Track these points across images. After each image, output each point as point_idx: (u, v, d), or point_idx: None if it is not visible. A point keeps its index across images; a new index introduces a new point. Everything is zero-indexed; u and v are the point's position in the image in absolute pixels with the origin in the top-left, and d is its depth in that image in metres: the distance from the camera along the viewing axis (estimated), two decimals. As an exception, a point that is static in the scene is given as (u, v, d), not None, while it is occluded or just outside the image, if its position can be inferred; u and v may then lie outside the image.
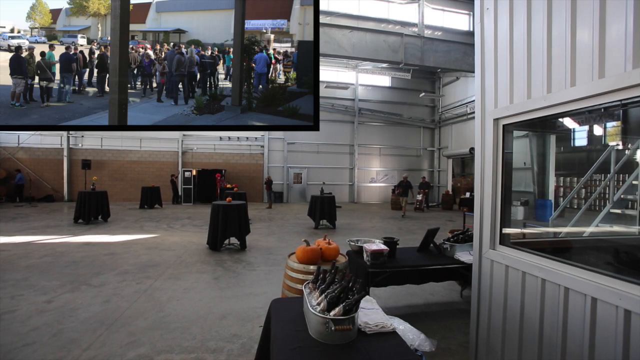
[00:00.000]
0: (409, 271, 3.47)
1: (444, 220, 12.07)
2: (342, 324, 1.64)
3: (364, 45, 11.99)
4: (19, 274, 4.98)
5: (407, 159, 19.81)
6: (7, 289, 4.36)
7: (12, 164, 16.08)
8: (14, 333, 3.20)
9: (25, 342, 3.03)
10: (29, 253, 6.24)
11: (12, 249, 6.56)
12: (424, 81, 19.68)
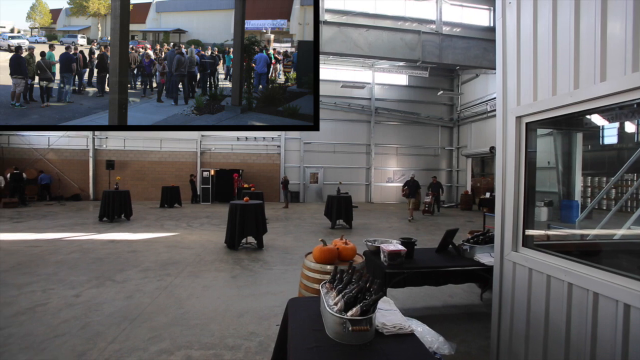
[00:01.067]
0: (427, 272, 3.42)
1: (463, 221, 11.80)
2: (360, 324, 1.63)
3: (381, 44, 11.88)
4: (49, 269, 5.23)
5: (424, 159, 19.49)
6: (40, 283, 4.59)
7: (43, 164, 16.90)
8: (46, 324, 3.37)
9: (56, 334, 3.17)
10: (59, 249, 6.54)
11: (43, 245, 6.90)
12: (442, 79, 19.30)
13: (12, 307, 3.79)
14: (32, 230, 8.51)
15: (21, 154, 16.91)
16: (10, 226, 9.16)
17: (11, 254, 6.09)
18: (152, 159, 17.70)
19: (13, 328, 3.30)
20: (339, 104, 18.52)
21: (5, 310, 3.70)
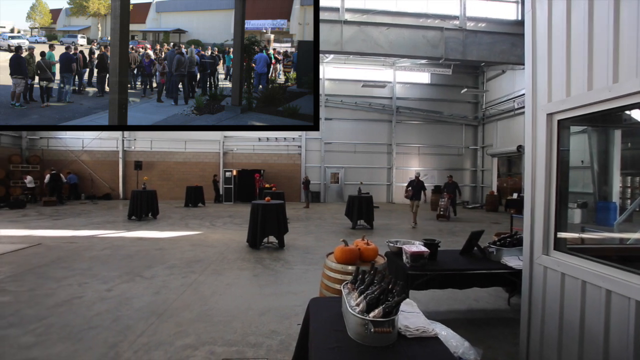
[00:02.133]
0: (451, 275, 3.33)
1: (489, 223, 11.41)
2: (382, 326, 1.61)
3: (402, 42, 11.69)
4: (84, 264, 5.52)
5: (447, 158, 19.00)
6: (76, 277, 4.86)
7: (78, 165, 17.89)
8: (82, 316, 3.56)
9: (90, 325, 3.35)
10: (92, 246, 6.90)
11: (78, 241, 7.30)
12: (466, 76, 18.74)
13: (52, 299, 4.03)
14: (69, 227, 9.02)
15: (58, 156, 17.98)
16: (50, 223, 9.75)
17: (51, 249, 6.48)
18: (177, 160, 18.31)
19: (53, 318, 3.51)
20: (359, 103, 18.41)
21: (47, 301, 3.95)
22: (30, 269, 5.27)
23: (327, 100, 18.31)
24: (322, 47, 11.19)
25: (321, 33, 10.91)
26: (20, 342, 3.03)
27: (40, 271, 5.15)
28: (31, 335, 3.15)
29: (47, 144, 18.10)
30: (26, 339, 3.09)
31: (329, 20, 11.23)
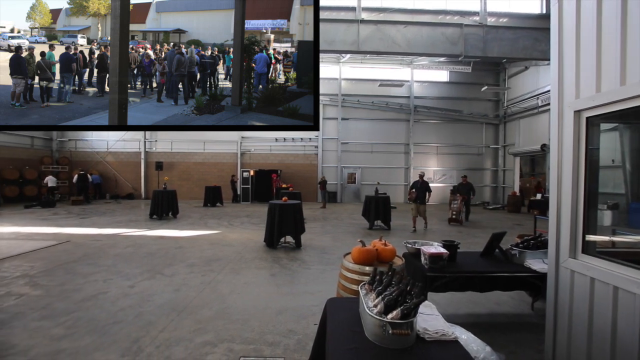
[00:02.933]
0: (471, 277, 3.24)
1: (511, 224, 11.05)
2: (400, 328, 1.59)
3: (420, 40, 11.50)
4: (109, 261, 5.74)
5: (467, 158, 18.54)
6: (101, 273, 5.05)
7: (103, 166, 18.62)
8: (107, 311, 3.70)
9: (115, 320, 3.47)
10: (116, 243, 7.16)
11: (103, 239, 7.59)
12: (487, 73, 18.23)
13: (80, 294, 4.21)
14: (95, 226, 9.40)
15: (85, 157, 18.78)
16: (78, 221, 10.19)
17: (79, 247, 6.77)
18: (196, 160, 18.74)
19: (80, 312, 3.66)
20: (376, 103, 18.25)
21: (75, 296, 4.13)
22: (60, 264, 5.53)
23: (344, 100, 18.26)
24: (339, 47, 11.17)
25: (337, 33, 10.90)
26: (52, 334, 3.18)
27: (69, 267, 5.39)
28: (61, 328, 3.30)
29: (75, 145, 18.94)
30: (57, 330, 3.24)
31: (345, 20, 11.19)
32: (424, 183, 9.56)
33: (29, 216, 11.23)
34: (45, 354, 2.83)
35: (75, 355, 2.81)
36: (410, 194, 9.61)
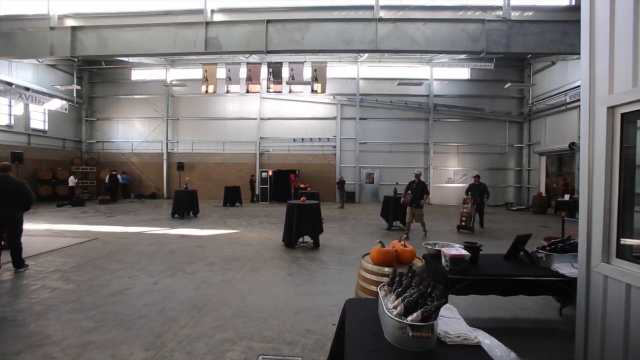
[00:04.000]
0: (494, 280, 3.14)
1: (536, 226, 10.63)
2: (420, 330, 1.56)
3: (440, 37, 11.23)
4: (133, 258, 5.95)
5: (489, 157, 17.99)
6: (126, 270, 5.25)
7: (128, 167, 19.35)
8: (132, 306, 3.84)
9: (139, 315, 3.60)
10: (140, 241, 7.42)
11: (128, 237, 7.89)
12: (510, 70, 17.62)
13: (107, 289, 4.39)
14: (120, 224, 9.78)
15: (111, 158, 19.60)
16: (105, 220, 10.63)
17: (106, 244, 7.06)
18: (215, 161, 19.14)
19: (108, 306, 3.82)
20: (395, 102, 18.03)
21: (102, 291, 4.31)
22: (89, 260, 5.78)
23: (362, 100, 18.16)
24: (357, 47, 11.08)
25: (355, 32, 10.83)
26: (82, 326, 3.33)
27: (97, 263, 5.63)
28: (90, 321, 3.45)
29: (102, 147, 19.78)
30: (86, 323, 3.40)
31: (363, 19, 11.10)
32: (421, 184, 8.31)
33: (61, 214, 11.82)
34: (77, 345, 2.96)
35: (104, 348, 2.93)
36: (405, 196, 8.40)
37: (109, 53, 10.96)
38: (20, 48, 10.64)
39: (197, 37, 10.43)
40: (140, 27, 10.51)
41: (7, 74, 14.83)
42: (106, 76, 19.55)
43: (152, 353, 2.85)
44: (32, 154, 15.98)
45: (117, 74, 19.51)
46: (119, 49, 10.63)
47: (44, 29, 10.45)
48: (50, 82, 17.15)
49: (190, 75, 18.38)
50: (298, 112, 18.49)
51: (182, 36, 10.48)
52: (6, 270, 5.16)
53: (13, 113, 15.54)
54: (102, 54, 11.08)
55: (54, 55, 10.86)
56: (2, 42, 10.52)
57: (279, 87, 13.76)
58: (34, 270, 5.20)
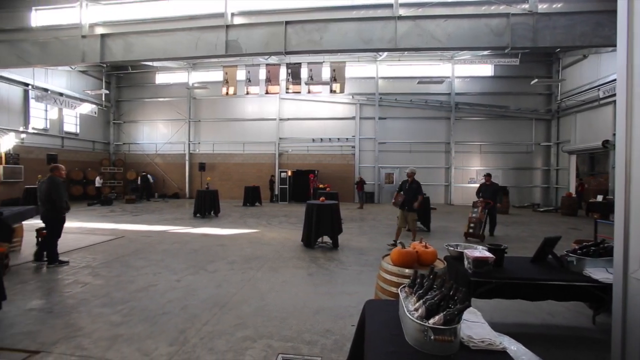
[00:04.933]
0: (521, 284, 3.02)
1: (565, 228, 10.14)
2: (443, 334, 1.52)
3: (461, 33, 10.93)
4: (158, 256, 6.15)
5: (514, 157, 17.33)
6: (151, 267, 5.43)
7: (153, 167, 20.05)
8: (156, 302, 3.97)
9: (163, 311, 3.71)
10: (164, 240, 7.66)
11: (153, 235, 8.16)
12: (537, 65, 16.89)
13: (133, 285, 4.56)
14: (145, 223, 10.14)
15: (137, 159, 20.38)
16: (131, 218, 11.06)
17: (132, 242, 7.35)
18: (236, 161, 19.50)
19: (134, 302, 3.97)
20: (415, 101, 17.72)
21: (129, 287, 4.48)
22: (117, 257, 6.03)
23: (381, 99, 17.96)
24: (376, 46, 10.97)
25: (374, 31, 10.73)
26: (111, 320, 3.48)
27: (124, 260, 5.86)
28: (118, 315, 3.59)
29: (129, 148, 20.61)
30: (115, 317, 3.54)
31: (382, 18, 10.97)
32: (414, 184, 7.16)
33: (91, 213, 12.40)
34: (106, 338, 3.10)
35: (130, 341, 3.04)
36: (396, 198, 7.27)
37: (135, 58, 11.37)
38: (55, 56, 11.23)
39: (217, 40, 10.66)
40: (164, 32, 10.86)
41: (43, 81, 15.73)
42: (132, 80, 20.35)
43: (176, 348, 2.93)
44: (65, 156, 16.85)
45: (142, 78, 20.27)
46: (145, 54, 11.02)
47: (76, 38, 11.00)
48: (82, 87, 18.05)
49: (211, 77, 18.83)
50: (317, 113, 18.53)
51: (203, 40, 10.75)
52: (42, 265, 5.46)
53: (48, 117, 16.46)
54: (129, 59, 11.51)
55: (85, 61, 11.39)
56: (39, 51, 11.15)
57: (298, 88, 13.84)
58: (68, 265, 5.48)
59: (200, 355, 2.82)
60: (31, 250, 6.28)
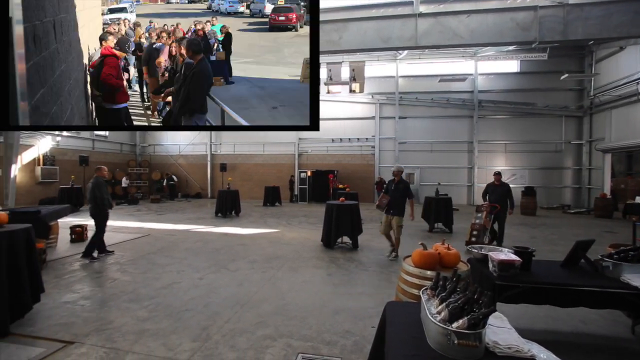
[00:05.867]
0: (551, 289, 2.87)
1: (599, 231, 9.60)
2: (467, 338, 1.47)
3: (485, 29, 10.59)
4: (181, 254, 6.34)
5: (542, 156, 16.60)
6: (175, 265, 5.61)
7: (176, 168, 20.71)
8: (179, 299, 4.09)
9: (186, 308, 3.82)
10: (187, 238, 7.88)
11: (177, 234, 8.42)
12: (567, 59, 16.10)
13: (159, 282, 4.73)
14: (169, 222, 10.48)
15: (161, 160, 21.11)
16: (156, 217, 11.47)
17: (157, 240, 7.61)
18: (256, 162, 19.80)
19: (159, 298, 4.11)
20: (436, 99, 17.35)
21: (155, 284, 4.64)
22: (143, 255, 6.27)
23: (401, 99, 17.71)
24: (395, 44, 10.83)
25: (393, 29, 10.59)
26: (138, 315, 3.62)
27: (149, 258, 6.09)
28: (145, 311, 3.73)
29: (154, 150, 21.38)
30: (141, 313, 3.68)
31: (402, 15, 10.82)
32: (401, 184, 6.06)
33: (119, 212, 12.96)
34: (134, 332, 3.22)
35: (156, 336, 3.15)
36: (380, 200, 6.08)
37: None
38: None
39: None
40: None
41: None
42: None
43: (199, 344, 3.01)
44: (96, 157, 17.71)
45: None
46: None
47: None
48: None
49: (233, 80, 19.21)
50: (336, 113, 18.51)
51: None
52: (76, 260, 5.76)
53: (80, 121, 17.35)
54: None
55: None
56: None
57: (317, 89, 13.84)
58: (98, 262, 5.75)
59: (222, 352, 2.88)
60: (66, 246, 6.65)
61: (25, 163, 14.21)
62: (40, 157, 14.82)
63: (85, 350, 2.90)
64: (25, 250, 3.35)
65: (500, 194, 7.19)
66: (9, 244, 3.18)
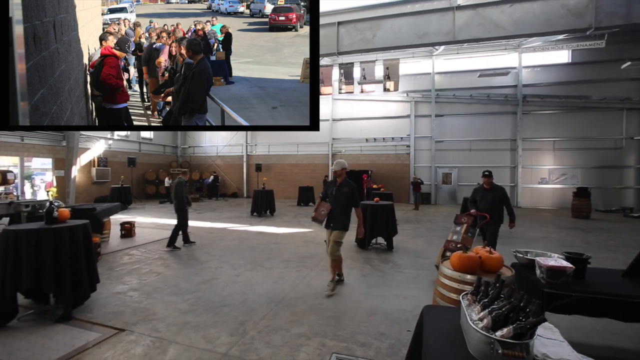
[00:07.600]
0: (610, 301, 2.61)
1: (667, 237, 8.58)
2: (513, 348, 1.38)
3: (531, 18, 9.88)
4: (219, 252, 6.61)
5: (597, 153, 15.14)
6: (213, 262, 5.85)
7: (214, 168, 21.63)
8: (218, 295, 4.26)
9: (224, 303, 3.97)
10: (224, 236, 8.19)
11: (215, 232, 8.79)
12: (629, 46, 14.44)
13: (199, 277, 4.96)
14: (208, 220, 10.97)
15: (200, 161, 22.16)
16: (195, 216, 12.05)
17: (197, 237, 7.99)
18: (290, 162, 20.12)
19: (199, 293, 4.31)
20: (475, 96, 16.52)
21: (195, 279, 4.88)
22: (184, 251, 6.61)
23: (438, 96, 17.08)
24: (432, 40, 10.44)
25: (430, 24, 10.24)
26: (180, 308, 3.82)
27: (190, 254, 6.41)
28: (186, 304, 3.93)
29: (193, 151, 22.51)
30: (183, 305, 3.88)
31: (438, 9, 10.42)
32: (345, 188, 4.50)
33: (162, 210, 13.79)
34: (176, 324, 3.41)
35: (197, 329, 3.31)
36: (317, 209, 4.60)
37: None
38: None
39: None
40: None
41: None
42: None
43: (236, 339, 3.11)
44: (142, 159, 18.99)
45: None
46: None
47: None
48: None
49: (267, 82, 19.68)
50: (370, 112, 18.29)
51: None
52: (125, 255, 6.22)
53: (130, 125, 18.71)
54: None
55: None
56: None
57: (351, 88, 13.83)
58: (145, 256, 6.16)
59: (258, 348, 2.95)
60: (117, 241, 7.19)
61: (83, 165, 15.60)
62: (95, 159, 16.19)
63: (134, 337, 3.12)
64: (84, 243, 3.68)
65: (491, 200, 5.21)
66: (70, 238, 3.51)
